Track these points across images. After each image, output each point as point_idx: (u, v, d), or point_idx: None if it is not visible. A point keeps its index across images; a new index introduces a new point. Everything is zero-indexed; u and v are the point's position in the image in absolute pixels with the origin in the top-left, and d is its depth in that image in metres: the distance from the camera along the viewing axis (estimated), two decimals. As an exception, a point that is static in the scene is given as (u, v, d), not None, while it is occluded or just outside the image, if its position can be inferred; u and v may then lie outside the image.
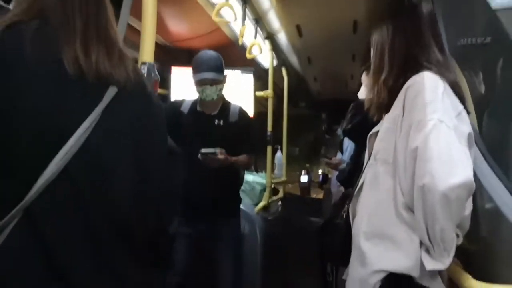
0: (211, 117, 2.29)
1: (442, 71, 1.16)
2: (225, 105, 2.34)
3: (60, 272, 0.81)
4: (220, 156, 2.09)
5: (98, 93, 0.86)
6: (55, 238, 0.81)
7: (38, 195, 0.79)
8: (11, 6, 0.93)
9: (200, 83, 2.20)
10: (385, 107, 1.25)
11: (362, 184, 1.30)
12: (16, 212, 0.78)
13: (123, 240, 0.87)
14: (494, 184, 1.13)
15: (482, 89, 1.36)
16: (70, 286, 0.81)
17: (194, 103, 2.34)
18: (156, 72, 1.11)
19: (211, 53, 2.27)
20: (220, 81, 2.24)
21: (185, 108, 2.32)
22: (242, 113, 2.36)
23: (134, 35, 1.16)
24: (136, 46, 1.17)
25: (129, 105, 0.90)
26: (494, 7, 1.32)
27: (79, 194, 0.83)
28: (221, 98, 2.31)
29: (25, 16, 0.86)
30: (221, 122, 2.28)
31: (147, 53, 1.07)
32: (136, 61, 1.05)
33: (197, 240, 2.26)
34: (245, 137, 2.33)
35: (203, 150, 2.08)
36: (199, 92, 2.23)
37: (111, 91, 0.87)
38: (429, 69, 1.16)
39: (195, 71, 2.23)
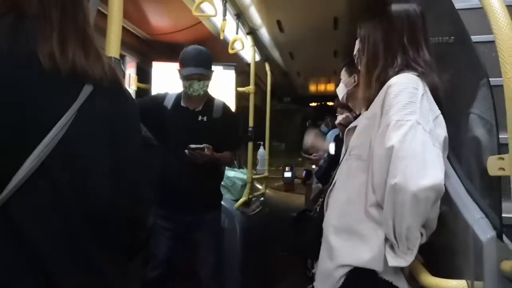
0: (195, 113, 2.28)
1: (427, 72, 1.17)
2: (209, 100, 2.34)
3: (39, 266, 0.81)
4: (207, 152, 2.10)
5: (74, 89, 0.86)
6: (33, 233, 0.81)
7: (15, 191, 0.79)
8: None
9: (187, 78, 2.19)
10: (369, 103, 1.26)
11: (336, 178, 1.32)
12: None
13: (100, 233, 0.88)
14: (453, 183, 1.16)
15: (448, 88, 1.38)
16: (50, 279, 0.82)
17: (178, 97, 2.33)
18: (122, 68, 1.10)
19: (200, 48, 2.26)
20: (208, 77, 2.24)
21: (168, 102, 2.31)
22: (225, 109, 2.36)
23: (104, 21, 1.14)
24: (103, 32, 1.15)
25: (105, 102, 0.90)
26: (458, 7, 1.34)
27: (56, 190, 0.83)
28: (206, 93, 2.30)
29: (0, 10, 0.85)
30: (205, 118, 2.28)
31: (113, 49, 1.06)
32: (104, 48, 1.05)
33: (178, 233, 2.27)
34: (228, 133, 2.33)
35: (192, 146, 2.09)
36: (185, 86, 2.22)
37: (87, 89, 0.87)
38: (414, 69, 1.18)
39: (183, 65, 2.22)
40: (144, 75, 3.17)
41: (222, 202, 2.50)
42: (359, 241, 1.15)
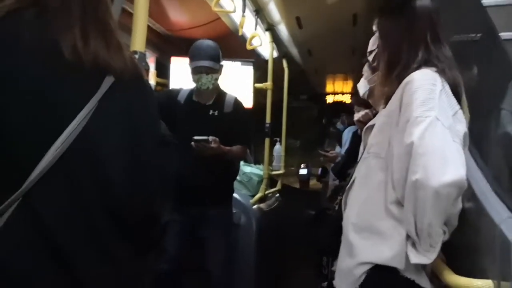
0: (206, 107, 2.29)
1: (445, 68, 1.16)
2: (220, 95, 2.34)
3: (59, 258, 0.82)
4: (213, 145, 2.10)
5: (95, 81, 0.87)
6: (54, 224, 0.82)
7: (36, 181, 0.80)
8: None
9: (195, 71, 2.21)
10: (388, 101, 1.25)
11: (355, 177, 1.31)
12: (15, 197, 0.79)
13: (117, 227, 0.89)
14: (479, 182, 1.14)
15: (474, 84, 1.36)
16: (70, 271, 0.83)
17: (191, 92, 2.35)
18: (147, 62, 1.11)
19: (208, 42, 2.27)
20: (216, 70, 2.25)
21: (181, 98, 2.33)
22: (237, 103, 2.36)
23: (129, 19, 1.15)
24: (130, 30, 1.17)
25: (125, 95, 0.90)
26: (485, 4, 1.32)
27: (76, 182, 0.84)
28: (216, 88, 2.31)
29: (23, 3, 0.86)
30: (216, 112, 2.29)
31: (138, 42, 1.07)
32: (129, 46, 1.06)
33: (188, 227, 2.28)
34: (239, 128, 2.33)
35: (196, 137, 2.09)
36: (195, 80, 2.24)
37: (108, 80, 0.88)
38: (435, 65, 1.16)
39: (191, 59, 2.24)
40: (163, 70, 3.20)
41: (238, 197, 2.49)
42: (380, 238, 1.14)
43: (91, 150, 0.85)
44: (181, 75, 3.16)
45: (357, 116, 2.17)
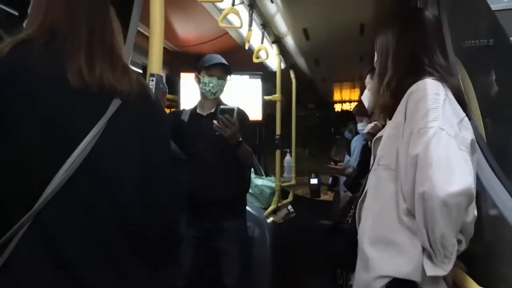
0: (209, 117, 2.32)
1: (444, 76, 1.17)
2: (221, 105, 2.36)
3: (73, 276, 0.84)
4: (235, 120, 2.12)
5: (103, 104, 0.89)
6: (65, 244, 0.84)
7: (47, 202, 0.82)
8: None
9: (209, 73, 2.28)
10: (389, 111, 1.26)
11: (367, 189, 1.31)
12: (26, 219, 0.81)
13: (131, 244, 0.90)
14: (497, 189, 1.14)
15: (494, 91, 1.36)
16: None
17: (194, 109, 2.42)
18: (164, 84, 1.14)
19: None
20: (225, 79, 2.34)
21: (185, 116, 2.40)
22: (240, 113, 2.38)
23: (143, 40, 1.18)
24: (144, 51, 1.20)
25: (133, 115, 0.93)
26: (495, 8, 1.32)
27: (86, 202, 0.86)
28: (217, 98, 2.37)
29: (34, 34, 0.90)
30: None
31: (155, 65, 1.10)
32: (145, 67, 1.08)
33: (203, 241, 2.29)
34: (244, 135, 2.32)
35: (222, 107, 2.16)
36: (204, 83, 2.29)
37: (115, 103, 0.90)
38: (431, 74, 1.17)
39: (205, 63, 2.31)
40: (172, 86, 3.23)
41: (251, 210, 2.49)
42: (396, 251, 1.14)
43: (101, 170, 0.88)
44: (191, 90, 3.19)
45: (367, 128, 2.18)
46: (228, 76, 2.37)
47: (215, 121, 2.13)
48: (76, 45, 0.89)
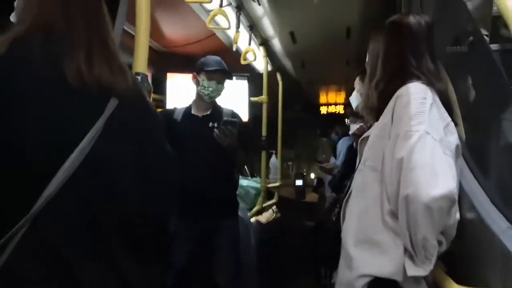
0: (205, 119, 2.32)
1: (432, 80, 1.19)
2: (217, 107, 2.38)
3: (72, 276, 0.84)
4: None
5: (100, 103, 0.89)
6: (64, 244, 0.84)
7: (46, 204, 0.82)
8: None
9: (210, 77, 2.25)
10: (376, 113, 1.28)
11: (352, 188, 1.33)
12: (25, 221, 0.80)
13: (127, 242, 0.91)
14: (476, 193, 1.16)
15: (472, 95, 1.39)
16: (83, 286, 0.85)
17: (187, 109, 2.38)
18: (149, 83, 1.14)
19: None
20: (224, 84, 2.32)
21: (177, 116, 2.36)
22: (235, 116, 2.39)
23: (128, 39, 1.18)
24: (130, 51, 1.20)
25: (129, 115, 0.93)
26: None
27: (85, 202, 0.86)
28: (213, 101, 2.37)
29: (31, 30, 0.88)
30: (216, 124, 2.31)
31: (140, 64, 1.10)
32: (130, 67, 1.08)
33: (196, 240, 2.28)
34: (240, 137, 2.35)
35: (226, 119, 2.16)
36: (203, 86, 2.26)
37: (113, 103, 0.90)
38: (418, 77, 1.19)
39: (206, 66, 2.27)
40: (158, 87, 3.21)
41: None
42: (379, 251, 1.15)
43: (98, 170, 0.87)
44: (178, 91, 3.18)
45: (352, 129, 2.20)
46: (227, 77, 2.34)
47: (216, 130, 2.14)
48: (75, 45, 0.89)
